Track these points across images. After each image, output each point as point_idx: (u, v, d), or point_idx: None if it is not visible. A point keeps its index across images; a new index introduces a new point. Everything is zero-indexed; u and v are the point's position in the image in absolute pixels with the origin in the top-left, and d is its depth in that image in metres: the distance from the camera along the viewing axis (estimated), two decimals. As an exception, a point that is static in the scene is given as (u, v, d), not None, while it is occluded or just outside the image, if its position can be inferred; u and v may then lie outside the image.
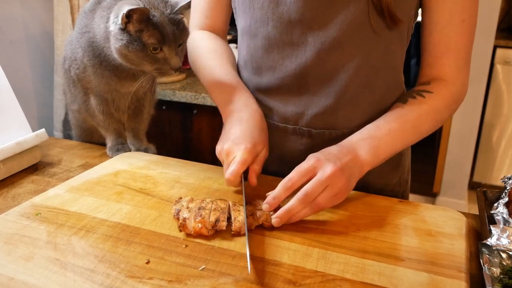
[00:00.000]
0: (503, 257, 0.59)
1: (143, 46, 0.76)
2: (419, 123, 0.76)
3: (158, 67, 0.79)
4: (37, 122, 1.89)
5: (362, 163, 0.70)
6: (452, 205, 2.62)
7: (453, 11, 0.75)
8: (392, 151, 0.74)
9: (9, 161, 0.84)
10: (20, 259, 0.58)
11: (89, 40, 0.85)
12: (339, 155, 0.67)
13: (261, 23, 0.78)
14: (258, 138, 0.73)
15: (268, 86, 0.83)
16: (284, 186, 0.65)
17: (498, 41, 2.49)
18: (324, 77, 0.78)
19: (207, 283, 0.54)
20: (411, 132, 0.75)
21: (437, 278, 0.56)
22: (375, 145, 0.71)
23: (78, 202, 0.72)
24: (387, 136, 0.73)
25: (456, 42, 0.77)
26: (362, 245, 0.62)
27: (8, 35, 1.72)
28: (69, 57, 0.92)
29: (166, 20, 0.77)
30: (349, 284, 0.55)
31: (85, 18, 0.87)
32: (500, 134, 2.73)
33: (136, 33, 0.76)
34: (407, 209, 0.72)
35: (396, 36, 0.77)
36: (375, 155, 0.71)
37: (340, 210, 0.71)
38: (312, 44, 0.75)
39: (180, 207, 0.66)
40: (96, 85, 0.90)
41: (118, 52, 0.78)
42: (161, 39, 0.76)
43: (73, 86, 0.95)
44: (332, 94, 0.78)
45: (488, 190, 0.77)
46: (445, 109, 0.78)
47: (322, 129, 0.81)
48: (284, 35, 0.77)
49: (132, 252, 0.60)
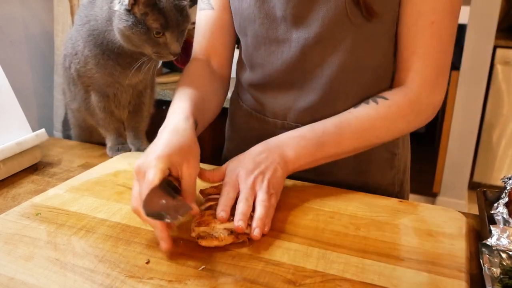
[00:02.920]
0: (503, 257, 0.59)
1: (146, 29, 0.78)
2: (361, 129, 0.74)
3: (159, 50, 0.81)
4: (37, 122, 1.89)
5: (285, 160, 0.70)
6: (452, 205, 2.62)
7: (422, 10, 0.70)
8: (324, 153, 0.73)
9: (9, 161, 0.84)
10: (20, 259, 0.58)
11: (90, 29, 0.86)
12: (258, 158, 0.69)
13: (249, 21, 0.80)
14: (175, 145, 0.64)
15: (258, 82, 0.85)
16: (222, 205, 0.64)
17: (498, 41, 2.49)
18: (309, 73, 0.78)
19: (207, 283, 0.54)
20: (351, 138, 0.74)
21: (437, 278, 0.56)
22: (302, 145, 0.72)
23: (78, 202, 0.72)
24: (319, 138, 0.73)
25: (423, 46, 0.72)
26: (362, 245, 0.62)
27: (8, 35, 1.72)
28: (69, 53, 0.92)
29: (171, 5, 0.78)
30: (349, 284, 0.55)
31: (84, 10, 0.88)
32: (500, 134, 2.72)
33: (141, 16, 0.77)
34: (407, 209, 0.72)
35: (379, 28, 0.75)
36: (299, 155, 0.71)
37: (340, 210, 0.71)
38: (296, 40, 0.76)
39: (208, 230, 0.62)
40: (98, 79, 0.90)
41: (121, 32, 0.80)
42: (165, 25, 0.78)
43: (73, 84, 0.95)
44: (318, 89, 0.79)
45: (488, 190, 0.77)
46: (400, 118, 0.74)
47: (310, 123, 0.81)
48: (270, 32, 0.78)
49: (132, 252, 0.60)
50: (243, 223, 0.61)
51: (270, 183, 0.67)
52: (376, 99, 0.76)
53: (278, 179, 0.69)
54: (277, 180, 0.68)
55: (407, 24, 0.73)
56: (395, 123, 0.75)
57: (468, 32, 2.39)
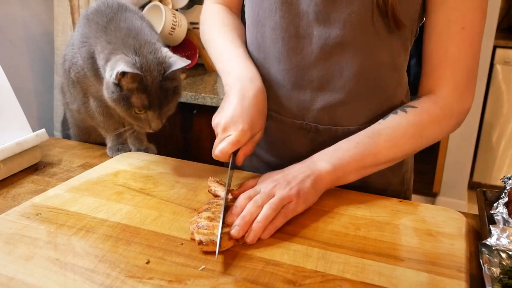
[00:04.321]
0: (503, 257, 0.59)
1: (129, 105, 0.78)
2: (394, 137, 0.73)
3: (139, 124, 0.82)
4: (37, 122, 1.89)
5: (320, 173, 0.69)
6: (452, 205, 2.62)
7: (452, 16, 0.71)
8: (360, 164, 0.72)
9: (9, 161, 0.84)
10: (20, 259, 0.58)
11: (89, 51, 0.85)
12: (287, 171, 0.70)
13: (269, 12, 0.78)
14: (257, 121, 0.73)
15: (273, 78, 0.83)
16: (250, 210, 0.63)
17: (498, 41, 2.49)
18: (328, 72, 0.77)
19: (207, 283, 0.54)
20: (386, 147, 0.72)
21: (437, 278, 0.56)
22: (337, 156, 0.71)
23: (78, 202, 0.72)
24: (353, 148, 0.72)
25: (453, 51, 0.72)
26: (362, 245, 0.62)
27: (8, 35, 1.72)
28: (69, 59, 0.92)
29: (156, 86, 0.77)
30: (349, 284, 0.55)
31: (86, 27, 0.87)
32: (500, 134, 2.73)
33: (127, 91, 0.77)
34: (407, 209, 0.72)
35: (398, 39, 0.76)
36: (335, 166, 0.70)
37: (340, 210, 0.71)
38: (317, 38, 0.75)
39: None
40: (97, 87, 0.90)
41: (106, 98, 0.81)
42: (147, 105, 0.78)
43: (72, 87, 0.95)
44: (336, 90, 0.78)
45: (488, 190, 0.77)
46: (431, 124, 0.74)
47: (329, 125, 0.81)
48: (290, 26, 0.76)
49: (132, 252, 0.60)
50: (240, 230, 0.60)
51: (293, 190, 0.65)
52: (404, 109, 0.75)
53: (305, 189, 0.67)
54: (303, 190, 0.67)
55: (436, 32, 0.73)
56: (427, 129, 0.74)
57: (468, 32, 2.38)
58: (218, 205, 0.68)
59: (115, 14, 0.84)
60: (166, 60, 0.78)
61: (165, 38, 1.75)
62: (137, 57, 0.77)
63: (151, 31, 0.84)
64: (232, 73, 0.78)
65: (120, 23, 0.82)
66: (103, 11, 0.85)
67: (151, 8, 1.75)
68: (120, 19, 0.83)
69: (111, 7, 0.86)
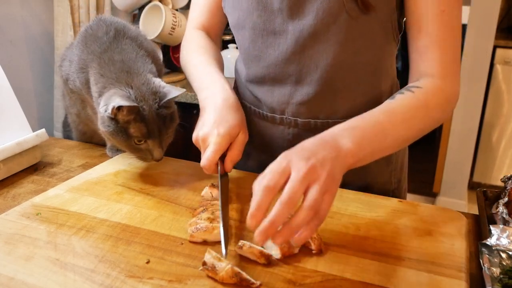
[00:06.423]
0: (503, 257, 0.59)
1: (128, 137, 0.76)
2: (409, 117, 0.69)
3: (140, 155, 0.79)
4: (37, 122, 1.89)
5: (345, 153, 0.60)
6: (452, 205, 2.62)
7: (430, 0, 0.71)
8: (381, 144, 0.66)
9: (9, 161, 0.84)
10: (20, 259, 0.58)
11: (86, 78, 0.84)
12: (314, 148, 0.58)
13: (248, 13, 0.80)
14: (233, 121, 0.73)
15: (255, 76, 0.85)
16: (264, 189, 0.53)
17: (498, 41, 2.49)
18: (305, 65, 0.79)
19: (207, 283, 0.54)
20: (402, 127, 0.68)
21: (437, 278, 0.56)
22: (359, 135, 0.63)
23: (78, 202, 0.72)
24: (373, 127, 0.65)
25: (438, 34, 0.72)
26: (362, 245, 0.62)
27: (8, 35, 1.72)
28: (66, 73, 0.91)
29: (153, 114, 0.76)
30: (349, 284, 0.55)
31: (84, 53, 0.85)
32: (500, 134, 2.73)
33: (123, 123, 0.76)
34: (407, 209, 0.72)
35: (375, 22, 0.75)
36: (359, 145, 0.61)
37: (340, 210, 0.71)
38: (291, 32, 0.77)
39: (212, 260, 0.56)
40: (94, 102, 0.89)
41: (103, 133, 0.80)
42: (146, 134, 0.76)
43: (71, 92, 0.95)
44: (314, 82, 0.79)
45: (488, 190, 0.77)
46: (437, 107, 0.72)
47: (308, 118, 0.82)
48: (267, 24, 0.79)
49: (132, 252, 0.60)
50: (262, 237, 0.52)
51: (329, 178, 0.55)
52: (410, 89, 0.72)
53: (336, 176, 0.57)
54: (334, 177, 0.56)
55: (418, 15, 0.73)
56: (433, 111, 0.72)
57: (468, 32, 2.39)
58: (213, 205, 0.68)
59: (110, 43, 0.83)
60: (160, 89, 0.77)
61: (165, 38, 1.75)
62: (131, 89, 0.76)
63: (144, 63, 0.82)
64: (205, 89, 0.80)
65: (114, 55, 0.81)
66: (100, 38, 0.83)
67: (151, 8, 1.75)
68: (114, 51, 0.82)
69: (108, 33, 0.84)
